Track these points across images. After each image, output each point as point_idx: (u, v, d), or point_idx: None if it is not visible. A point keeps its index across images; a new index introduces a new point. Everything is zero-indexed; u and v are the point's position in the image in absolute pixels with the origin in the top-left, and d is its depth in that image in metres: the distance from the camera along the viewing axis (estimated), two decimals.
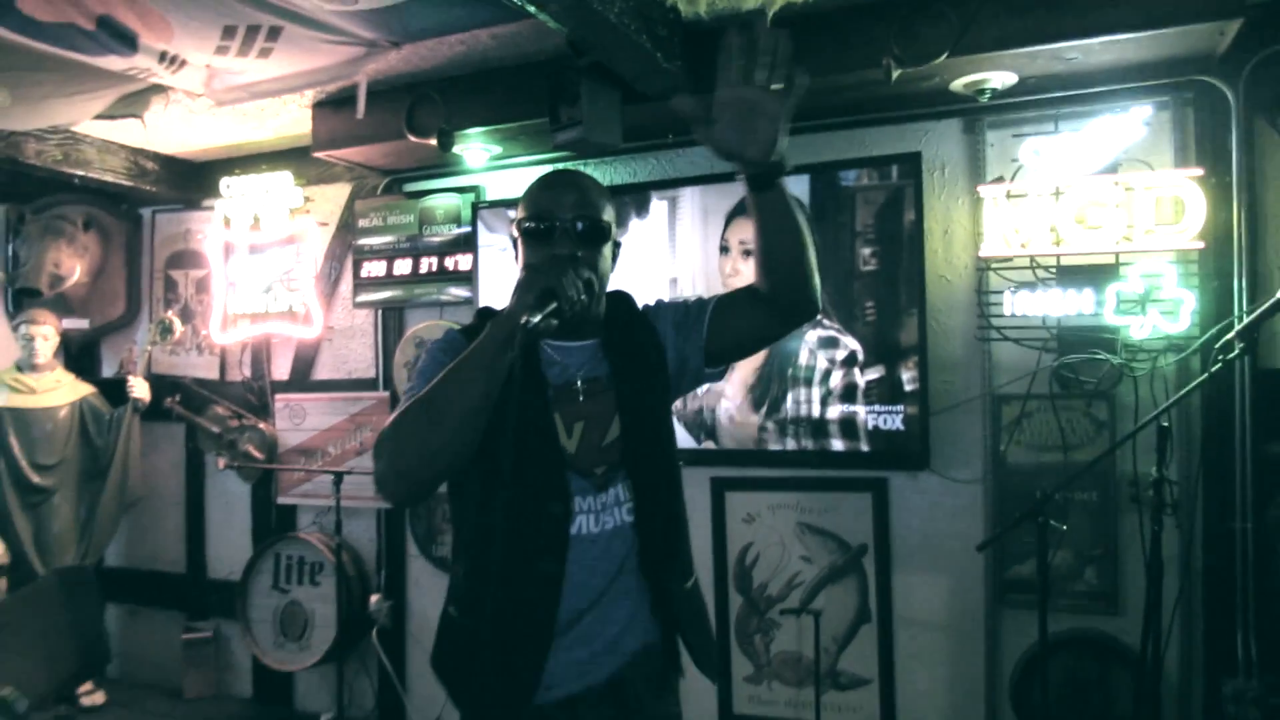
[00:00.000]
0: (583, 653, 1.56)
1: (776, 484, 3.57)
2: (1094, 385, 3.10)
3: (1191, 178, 2.91)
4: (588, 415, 1.57)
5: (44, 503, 4.31)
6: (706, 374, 1.69)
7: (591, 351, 1.62)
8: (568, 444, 1.56)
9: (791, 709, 3.54)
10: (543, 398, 1.55)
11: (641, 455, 1.60)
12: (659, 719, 1.65)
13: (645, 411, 1.62)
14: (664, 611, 1.63)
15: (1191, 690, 3.06)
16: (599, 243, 1.57)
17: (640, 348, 1.64)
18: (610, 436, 1.58)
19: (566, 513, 1.53)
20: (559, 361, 1.60)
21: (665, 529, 1.63)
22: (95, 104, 3.53)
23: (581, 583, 1.55)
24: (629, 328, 1.66)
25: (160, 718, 4.44)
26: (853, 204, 3.32)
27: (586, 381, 1.59)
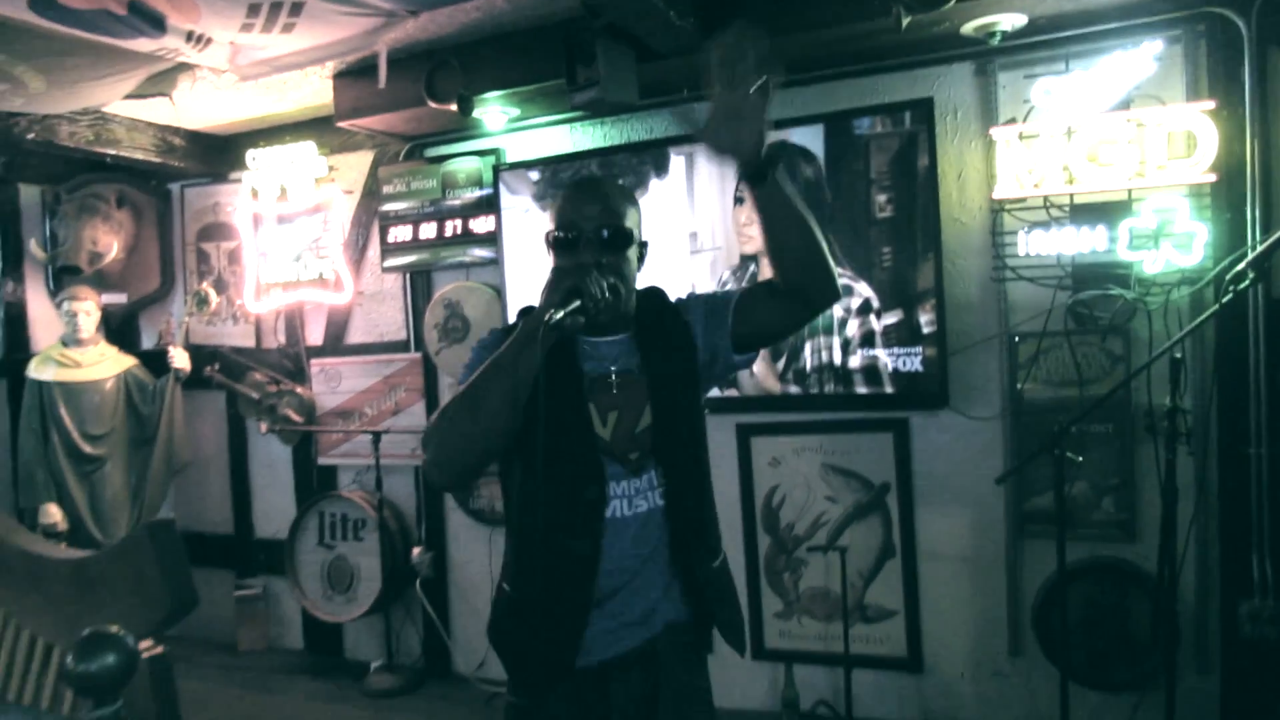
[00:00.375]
0: (614, 624, 1.68)
1: (800, 428, 3.67)
2: (1108, 320, 3.17)
3: (1204, 111, 2.94)
4: (621, 405, 1.67)
5: (96, 471, 4.50)
6: (737, 361, 1.76)
7: (624, 345, 1.72)
8: (603, 431, 1.66)
9: (821, 642, 3.68)
10: (579, 388, 1.66)
11: (672, 442, 1.69)
12: (687, 690, 1.74)
13: (675, 400, 1.71)
14: (693, 590, 1.73)
15: (1208, 612, 3.17)
16: (621, 248, 1.66)
17: (670, 341, 1.73)
18: (643, 424, 1.67)
19: (602, 496, 1.64)
20: (594, 355, 1.70)
21: (694, 512, 1.73)
22: (125, 84, 3.64)
23: (616, 561, 1.66)
24: (660, 322, 1.74)
25: (219, 670, 4.65)
26: (867, 152, 3.38)
27: (620, 373, 1.69)
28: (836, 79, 3.53)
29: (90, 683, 1.24)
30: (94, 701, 1.25)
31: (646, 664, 1.69)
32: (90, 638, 1.25)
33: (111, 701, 1.25)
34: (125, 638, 1.22)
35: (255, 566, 4.98)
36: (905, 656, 3.57)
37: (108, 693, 1.25)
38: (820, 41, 3.22)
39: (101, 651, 1.24)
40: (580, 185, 1.76)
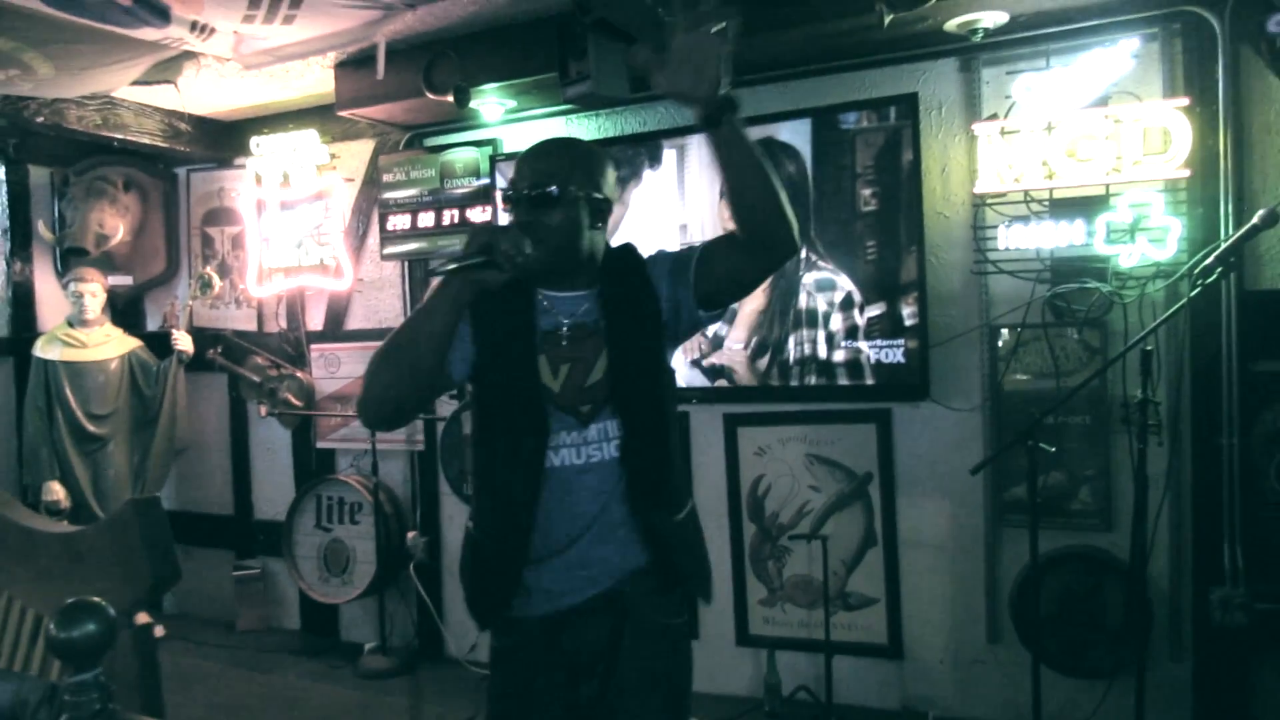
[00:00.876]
0: (577, 572, 1.73)
1: (785, 418, 3.74)
2: (1085, 313, 3.23)
3: (1178, 108, 3.00)
4: (573, 358, 1.73)
5: (99, 450, 4.60)
6: (702, 317, 1.79)
7: (586, 299, 1.77)
8: (552, 383, 1.72)
9: (804, 629, 3.75)
10: (529, 341, 1.73)
11: (629, 395, 1.73)
12: (656, 629, 1.78)
13: (634, 354, 1.75)
14: (653, 541, 1.76)
15: (1181, 598, 3.23)
16: (549, 207, 1.69)
17: (634, 296, 1.77)
18: (594, 377, 1.72)
19: (541, 446, 1.70)
20: (551, 310, 1.76)
21: (652, 464, 1.77)
22: (132, 71, 3.73)
23: (571, 510, 1.72)
24: (625, 278, 1.79)
25: (218, 648, 4.74)
26: (853, 146, 3.44)
27: (572, 327, 1.74)
28: (823, 74, 3.59)
29: (71, 649, 1.30)
30: (74, 667, 1.31)
31: (612, 608, 1.74)
32: (72, 606, 1.31)
33: (91, 667, 1.32)
34: (105, 607, 1.28)
35: (254, 547, 5.07)
36: (886, 643, 3.64)
37: (88, 659, 1.31)
38: (807, 37, 3.29)
39: (83, 620, 1.30)
40: (532, 148, 1.81)
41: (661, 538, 1.77)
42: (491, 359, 1.71)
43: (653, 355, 1.79)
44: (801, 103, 3.60)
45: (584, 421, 1.72)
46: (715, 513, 3.90)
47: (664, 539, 1.78)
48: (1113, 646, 3.22)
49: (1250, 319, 3.03)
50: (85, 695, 1.32)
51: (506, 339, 1.71)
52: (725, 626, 3.90)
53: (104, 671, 1.36)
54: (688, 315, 1.77)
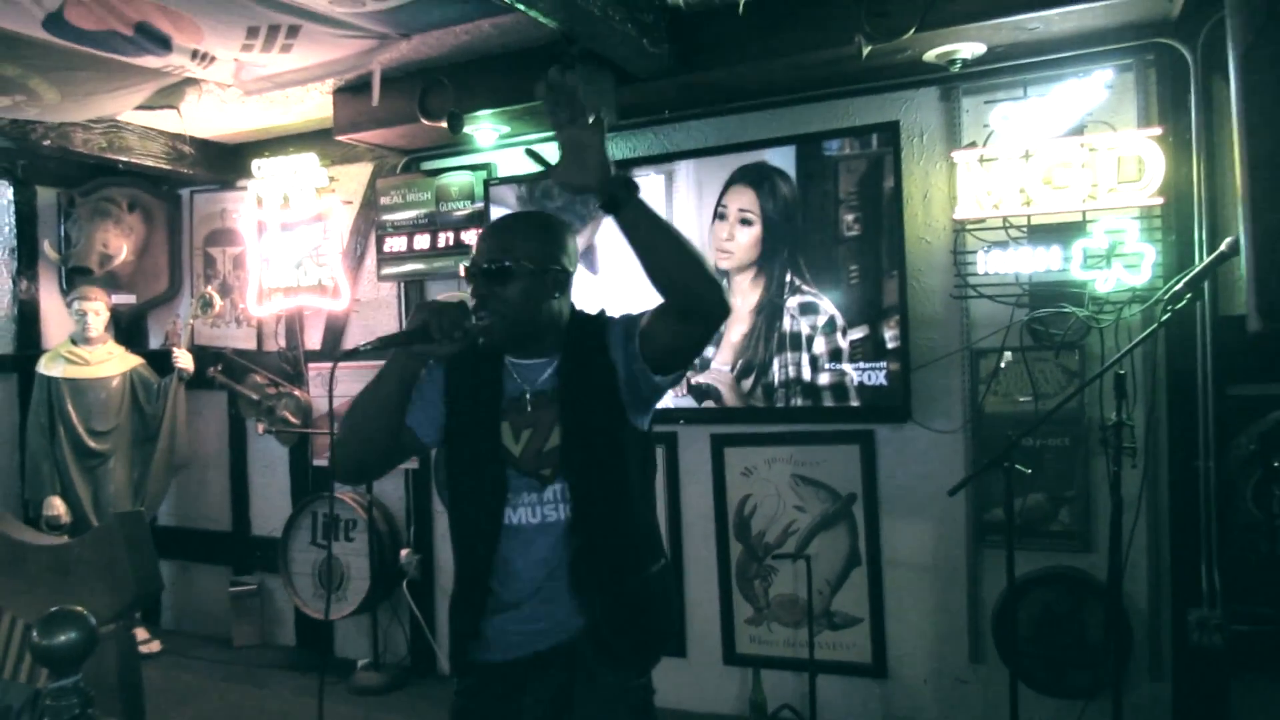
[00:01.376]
0: (527, 628, 1.79)
1: (771, 439, 3.80)
2: (1063, 337, 3.29)
3: (1151, 137, 3.07)
4: (534, 423, 1.80)
5: (100, 466, 4.68)
6: (658, 382, 1.79)
7: (547, 367, 1.84)
8: (513, 447, 1.80)
9: (789, 648, 3.79)
10: (495, 407, 1.82)
11: (580, 462, 1.79)
12: (610, 689, 1.80)
13: (587, 424, 1.80)
14: (605, 602, 1.78)
15: (1160, 619, 3.27)
16: (504, 281, 1.75)
17: (590, 367, 1.81)
18: (551, 443, 1.80)
19: (499, 504, 1.78)
20: (517, 377, 1.84)
21: (607, 526, 1.80)
22: (135, 96, 3.83)
23: (523, 568, 1.78)
24: (583, 348, 1.84)
25: (214, 664, 4.79)
26: (836, 172, 3.51)
27: (534, 394, 1.82)
28: (808, 102, 3.67)
29: (52, 656, 1.36)
30: (55, 673, 1.37)
31: (566, 662, 1.79)
32: (53, 615, 1.37)
33: (72, 674, 1.38)
34: (86, 616, 1.35)
35: (251, 563, 5.13)
36: (870, 663, 3.68)
37: (68, 665, 1.37)
38: (792, 66, 3.37)
39: (64, 627, 1.37)
40: (493, 223, 1.92)
41: (602, 601, 1.78)
42: (459, 422, 1.83)
43: (607, 422, 1.82)
44: (787, 129, 3.68)
45: (543, 484, 1.79)
46: (703, 532, 3.95)
47: (605, 603, 1.78)
48: (1093, 666, 3.25)
49: (1224, 343, 3.08)
50: (65, 700, 1.38)
51: (474, 404, 1.81)
52: (712, 645, 3.94)
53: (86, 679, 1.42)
54: (645, 382, 1.80)
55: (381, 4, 2.94)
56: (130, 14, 2.97)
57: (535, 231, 1.84)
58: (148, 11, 2.97)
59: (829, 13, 3.10)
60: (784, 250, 3.61)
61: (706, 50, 3.33)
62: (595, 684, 1.80)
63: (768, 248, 3.64)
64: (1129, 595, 3.25)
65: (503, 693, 1.82)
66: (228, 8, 2.97)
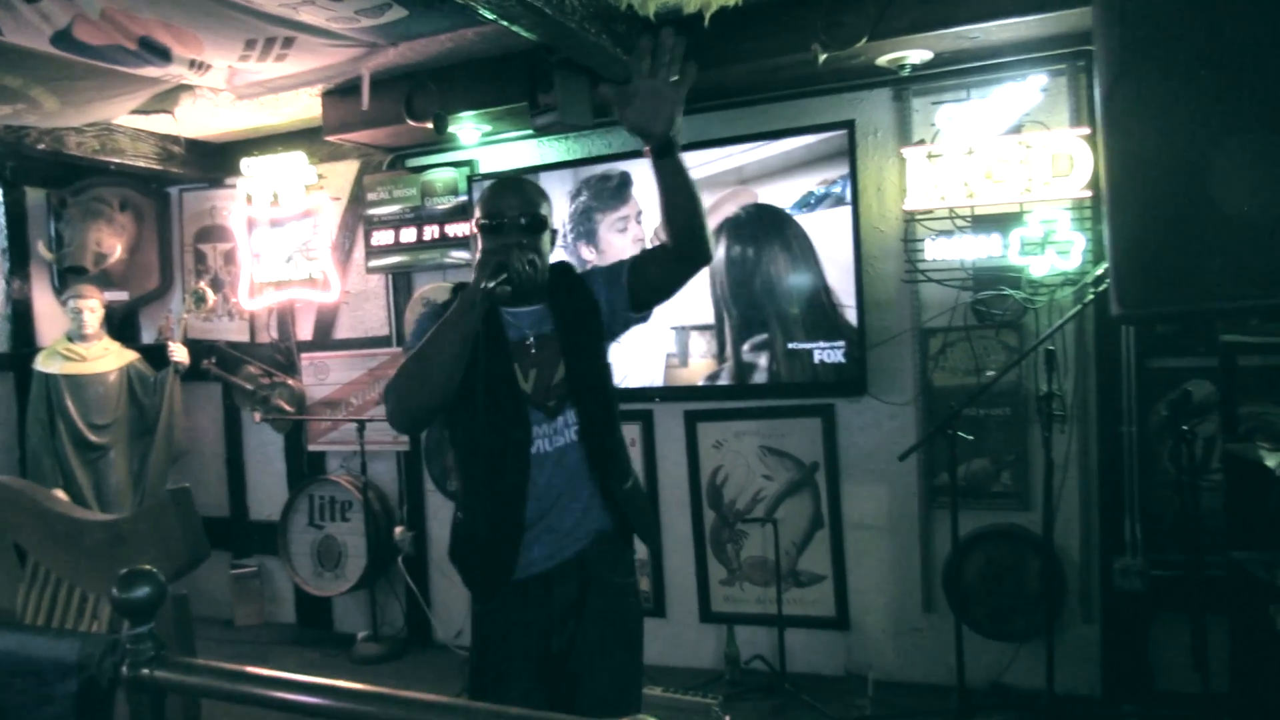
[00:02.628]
0: (550, 540, 2.07)
1: (740, 414, 4.11)
2: (1003, 317, 3.62)
3: (1081, 136, 3.39)
4: (539, 363, 2.07)
5: (101, 458, 4.86)
6: (633, 317, 2.12)
7: (540, 314, 2.11)
8: (525, 386, 2.06)
9: (760, 605, 4.12)
10: (505, 353, 2.06)
11: (583, 389, 2.06)
12: (614, 587, 2.11)
13: (584, 356, 2.08)
14: (611, 504, 2.11)
15: (1090, 568, 3.63)
16: (538, 231, 2.05)
17: (578, 307, 2.10)
18: (558, 377, 2.06)
19: (527, 438, 2.04)
20: (515, 325, 2.10)
21: (605, 442, 2.09)
22: (131, 102, 4.02)
23: (544, 489, 2.05)
24: (569, 292, 2.13)
25: (218, 643, 5.02)
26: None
27: (537, 338, 2.08)
28: (772, 101, 3.96)
29: (130, 607, 1.61)
30: (132, 623, 1.63)
31: (579, 570, 2.08)
32: (130, 573, 1.61)
33: (146, 623, 1.63)
34: (157, 574, 1.60)
35: (250, 546, 5.37)
36: (833, 616, 4.01)
37: (143, 615, 1.62)
38: (755, 70, 3.64)
39: (139, 583, 1.62)
40: (503, 182, 2.15)
41: (617, 500, 2.11)
42: (474, 368, 2.01)
43: (597, 354, 2.12)
44: (754, 127, 3.96)
45: (551, 414, 2.06)
46: (678, 502, 4.26)
47: (619, 502, 2.11)
48: (1031, 612, 3.61)
49: (1124, 323, 3.39)
50: (143, 644, 1.64)
51: (487, 353, 2.00)
52: (689, 605, 4.26)
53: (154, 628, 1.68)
54: (621, 316, 2.12)
55: (375, 19, 3.18)
56: (135, 29, 3.17)
57: (537, 192, 2.12)
58: (151, 27, 3.18)
59: (788, 23, 3.38)
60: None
61: None
62: (605, 584, 2.09)
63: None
64: (1062, 548, 3.60)
65: (525, 605, 2.07)
66: (228, 22, 3.18)
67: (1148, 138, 1.49)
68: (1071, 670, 3.56)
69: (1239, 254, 1.38)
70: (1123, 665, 3.52)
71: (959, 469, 3.48)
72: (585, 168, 4.22)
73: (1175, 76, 1.45)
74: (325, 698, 1.45)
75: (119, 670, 1.54)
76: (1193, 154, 1.43)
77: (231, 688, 1.58)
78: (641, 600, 2.29)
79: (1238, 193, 1.41)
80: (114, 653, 1.83)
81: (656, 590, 4.33)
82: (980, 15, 3.15)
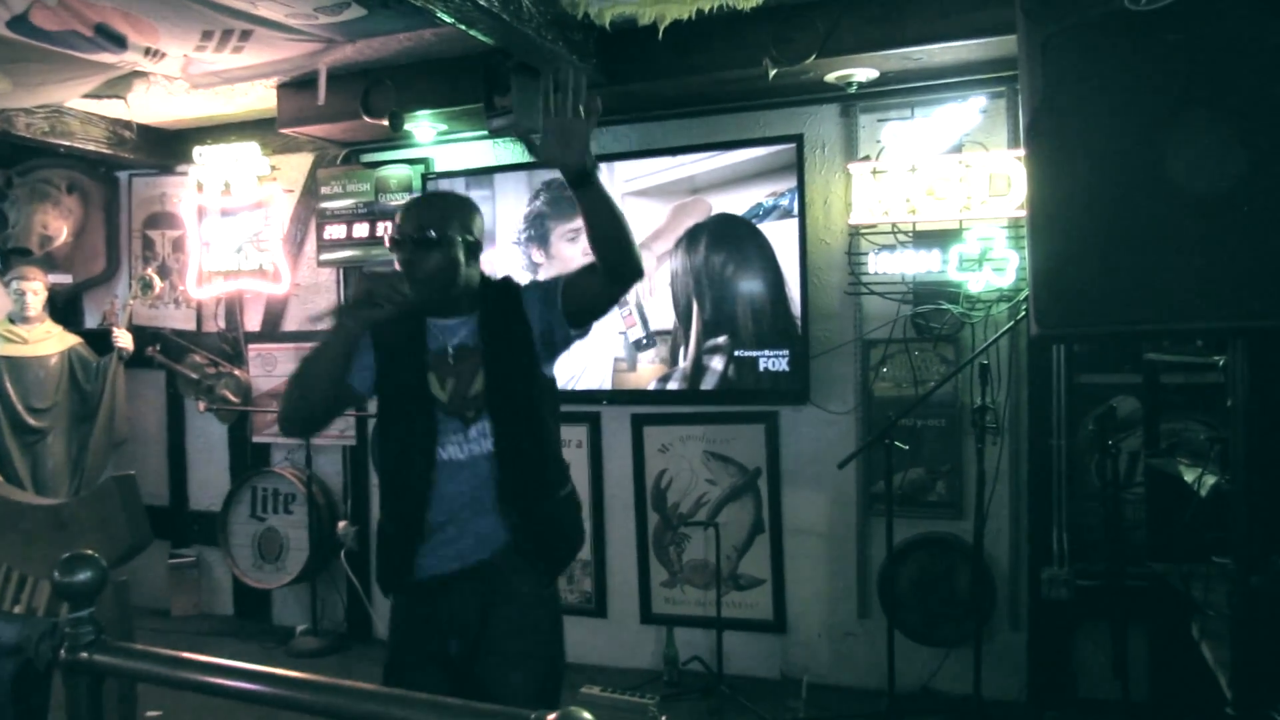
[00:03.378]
0: (452, 548, 2.10)
1: (686, 418, 4.18)
2: (941, 330, 3.73)
3: (1017, 158, 3.51)
4: (457, 373, 2.11)
5: (39, 443, 4.79)
6: (573, 334, 2.13)
7: (468, 324, 2.15)
8: (440, 394, 2.11)
9: (700, 607, 4.19)
10: (421, 361, 2.11)
11: (502, 403, 2.09)
12: (523, 597, 2.11)
13: (507, 370, 2.11)
14: (516, 517, 2.09)
15: (1019, 576, 3.75)
16: (429, 250, 2.05)
17: (507, 322, 2.13)
18: (475, 389, 2.09)
19: (431, 443, 2.09)
20: (439, 334, 2.14)
21: (526, 456, 2.11)
22: (84, 86, 3.99)
23: (451, 495, 2.09)
24: (501, 306, 2.15)
25: (153, 633, 4.94)
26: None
27: (456, 349, 2.13)
28: (723, 113, 4.04)
29: (70, 591, 1.63)
30: (71, 606, 1.64)
31: (485, 576, 2.11)
32: (71, 557, 1.63)
33: (87, 606, 1.65)
34: (98, 558, 1.61)
35: (189, 536, 5.32)
36: (771, 619, 4.10)
37: (83, 600, 1.64)
38: (708, 82, 3.72)
39: (80, 568, 1.64)
40: (417, 199, 2.24)
41: (523, 519, 2.10)
42: (389, 375, 2.12)
43: (525, 370, 2.13)
44: (703, 137, 4.04)
45: (467, 424, 2.10)
46: (623, 503, 4.32)
47: (525, 520, 2.10)
48: (961, 619, 3.72)
49: (1041, 343, 3.51)
50: (82, 628, 1.66)
51: (402, 358, 2.10)
52: (630, 606, 4.32)
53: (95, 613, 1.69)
54: (560, 334, 2.15)
55: (334, 17, 3.20)
56: (92, 16, 3.16)
57: (454, 208, 2.16)
58: (109, 14, 3.17)
59: (740, 38, 3.45)
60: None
61: (629, 66, 3.66)
62: (511, 593, 2.11)
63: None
64: (993, 557, 3.72)
65: (427, 607, 2.12)
66: (185, 13, 3.18)
67: (1067, 165, 1.58)
68: (998, 676, 3.68)
69: (1153, 280, 1.48)
70: (1047, 672, 3.65)
71: (895, 478, 3.58)
72: (542, 171, 4.26)
73: (1096, 108, 1.55)
74: (262, 684, 1.48)
75: (57, 653, 1.55)
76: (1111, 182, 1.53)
77: (169, 673, 1.60)
78: (559, 609, 2.26)
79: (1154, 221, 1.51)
80: (52, 635, 1.84)
81: (598, 591, 4.38)
82: (924, 38, 3.26)
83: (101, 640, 1.67)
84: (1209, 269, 1.49)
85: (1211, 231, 1.50)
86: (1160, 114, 1.53)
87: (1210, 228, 1.50)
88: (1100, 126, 1.56)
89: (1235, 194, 1.46)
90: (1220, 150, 1.48)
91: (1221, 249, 1.49)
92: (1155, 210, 1.51)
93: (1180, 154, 1.50)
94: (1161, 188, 1.50)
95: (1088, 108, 1.56)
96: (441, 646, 2.12)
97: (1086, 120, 1.58)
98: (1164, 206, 1.49)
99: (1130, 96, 1.54)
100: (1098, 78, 1.58)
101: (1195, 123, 1.50)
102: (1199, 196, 1.48)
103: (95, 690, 1.63)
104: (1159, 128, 1.54)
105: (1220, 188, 1.48)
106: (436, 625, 2.11)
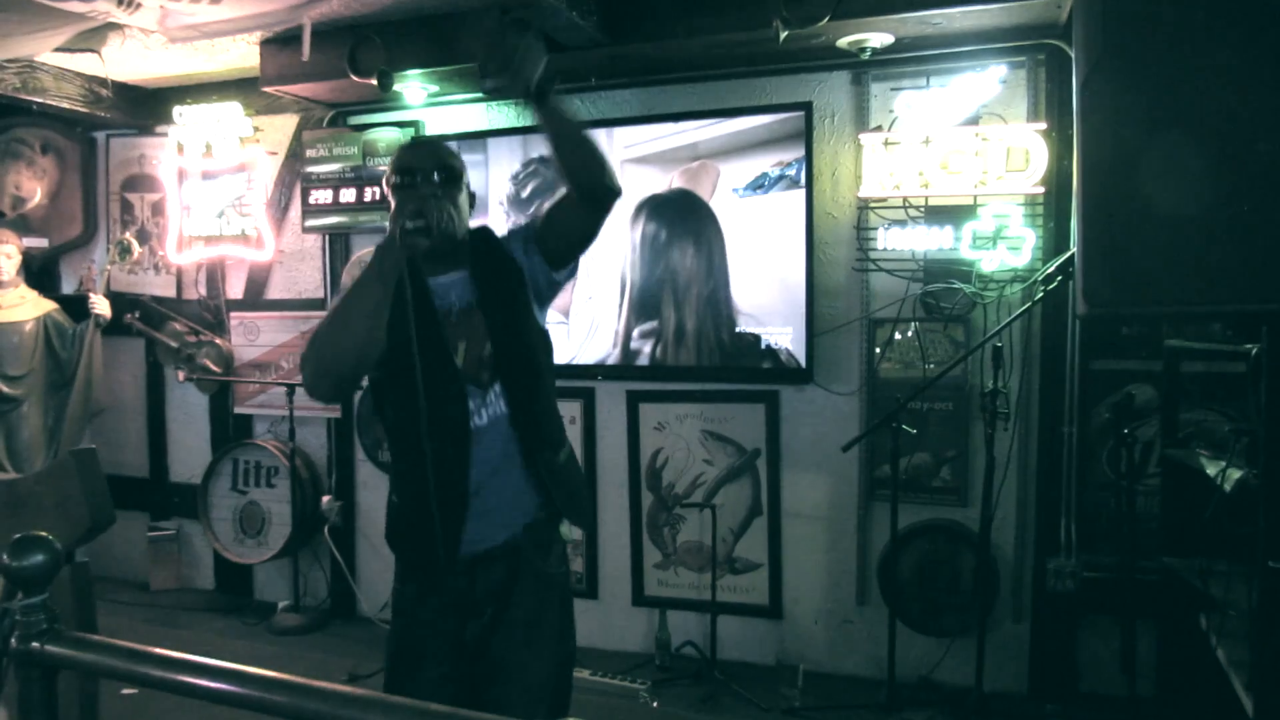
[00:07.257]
0: (481, 524, 1.98)
1: (683, 396, 4.04)
2: (951, 310, 3.59)
3: (1037, 131, 3.36)
4: (467, 336, 1.98)
5: (13, 411, 4.63)
6: (557, 277, 2.04)
7: (462, 282, 2.01)
8: (457, 359, 1.97)
9: (694, 590, 4.07)
10: (438, 326, 1.96)
11: (511, 359, 1.99)
12: (543, 575, 2.04)
13: (509, 324, 1.99)
14: (540, 480, 2.02)
15: (1024, 567, 3.63)
16: (453, 185, 1.94)
17: (501, 273, 2.02)
18: (487, 350, 1.98)
19: (464, 412, 1.95)
20: (440, 294, 1.99)
21: (534, 413, 2.01)
22: (55, 38, 3.79)
23: (480, 461, 1.97)
24: (490, 258, 2.04)
25: (131, 606, 4.85)
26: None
27: (460, 310, 1.98)
28: (729, 79, 3.86)
29: (21, 576, 1.49)
30: (24, 593, 1.50)
31: (509, 557, 2.00)
32: (22, 539, 1.49)
33: (40, 593, 1.51)
34: (52, 541, 1.47)
35: (169, 509, 5.18)
36: (767, 604, 3.98)
37: (36, 585, 1.50)
38: (714, 45, 3.55)
39: (32, 551, 1.50)
40: (414, 141, 2.10)
41: (546, 476, 2.02)
42: (402, 340, 1.90)
43: (523, 321, 2.03)
44: (710, 104, 3.87)
45: (483, 387, 1.97)
46: (617, 482, 4.18)
47: (548, 477, 2.02)
48: (964, 609, 3.61)
49: (1090, 322, 3.40)
50: (34, 616, 1.52)
51: (418, 322, 1.91)
52: (622, 588, 4.20)
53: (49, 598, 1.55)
54: (545, 279, 2.04)
55: None
56: None
57: (449, 151, 2.03)
58: None
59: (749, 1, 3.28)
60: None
61: (632, 25, 3.49)
62: (532, 574, 2.01)
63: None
64: (998, 546, 3.61)
65: (447, 588, 1.99)
66: None
67: (1122, 130, 1.45)
68: (1000, 668, 3.58)
69: (1216, 258, 1.34)
70: (1049, 665, 3.54)
71: (900, 462, 3.46)
72: (535, 136, 4.08)
73: (1156, 68, 1.40)
74: (230, 683, 1.34)
75: (7, 643, 1.44)
76: (1172, 148, 1.39)
77: (128, 667, 1.47)
78: (572, 590, 2.20)
79: (1219, 194, 1.37)
80: (2, 622, 1.69)
81: (590, 571, 4.26)
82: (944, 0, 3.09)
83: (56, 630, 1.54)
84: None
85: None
86: (1230, 75, 1.38)
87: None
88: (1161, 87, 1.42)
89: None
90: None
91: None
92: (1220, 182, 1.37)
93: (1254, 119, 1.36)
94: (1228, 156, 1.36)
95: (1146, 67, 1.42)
96: (458, 630, 2.00)
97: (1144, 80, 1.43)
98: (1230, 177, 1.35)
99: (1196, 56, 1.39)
100: (1162, 32, 1.43)
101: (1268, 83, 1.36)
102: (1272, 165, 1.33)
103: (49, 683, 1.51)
104: (1227, 90, 1.39)
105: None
106: (455, 607, 1.99)
